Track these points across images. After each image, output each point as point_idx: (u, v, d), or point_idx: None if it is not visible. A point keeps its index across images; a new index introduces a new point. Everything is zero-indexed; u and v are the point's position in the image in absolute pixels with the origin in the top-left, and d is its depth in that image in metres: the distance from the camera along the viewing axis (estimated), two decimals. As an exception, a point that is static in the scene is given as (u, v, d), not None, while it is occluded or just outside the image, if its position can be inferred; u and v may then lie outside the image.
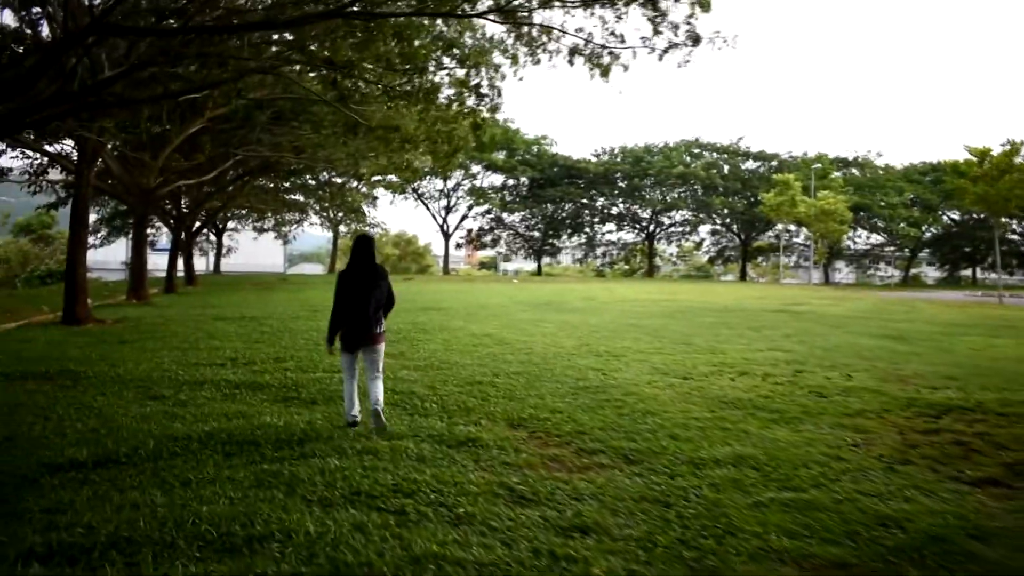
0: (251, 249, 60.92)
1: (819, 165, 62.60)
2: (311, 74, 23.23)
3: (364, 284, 7.20)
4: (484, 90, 12.62)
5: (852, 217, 55.40)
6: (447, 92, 13.30)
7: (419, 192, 63.37)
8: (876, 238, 72.26)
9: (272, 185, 41.21)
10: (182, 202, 34.50)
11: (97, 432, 6.82)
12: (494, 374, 10.18)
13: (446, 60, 13.45)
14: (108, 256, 53.44)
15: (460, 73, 13.16)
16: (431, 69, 12.89)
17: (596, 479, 5.66)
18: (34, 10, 12.98)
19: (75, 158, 28.49)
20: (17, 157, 31.42)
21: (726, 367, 11.44)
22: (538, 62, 11.26)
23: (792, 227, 66.75)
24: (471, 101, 12.80)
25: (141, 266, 24.69)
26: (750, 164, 70.04)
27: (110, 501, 5.02)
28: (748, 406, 8.47)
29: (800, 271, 72.78)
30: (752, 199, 65.01)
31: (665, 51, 10.57)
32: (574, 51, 10.98)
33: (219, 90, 13.40)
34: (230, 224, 54.64)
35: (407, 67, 11.74)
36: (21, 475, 5.59)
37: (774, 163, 68.08)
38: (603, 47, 10.82)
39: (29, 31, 13.28)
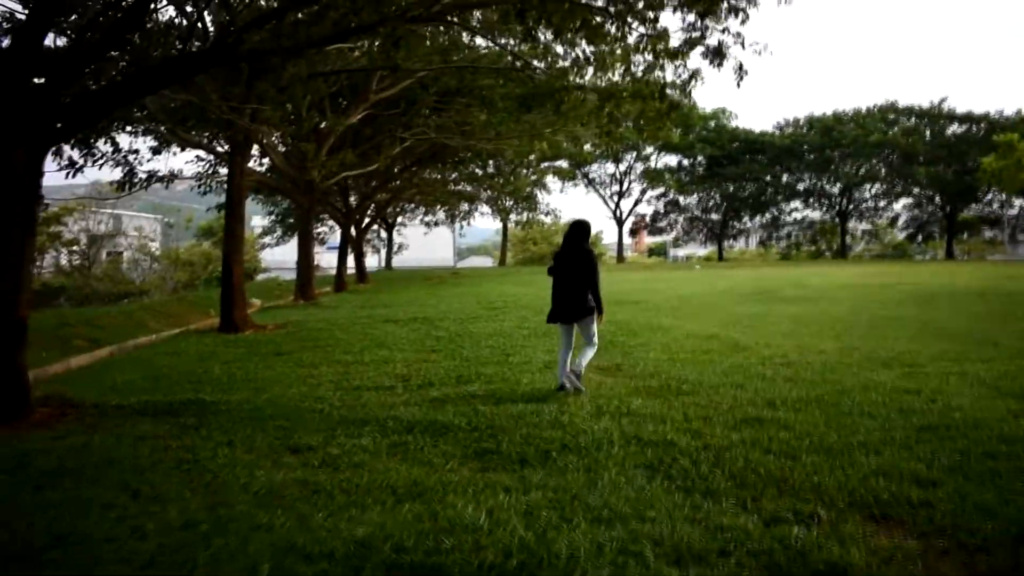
0: (421, 244, 59.93)
1: (1044, 121, 54.40)
2: (479, 40, 20.78)
3: (571, 264, 7.99)
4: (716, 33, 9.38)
5: (1090, 181, 47.56)
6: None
7: (590, 178, 60.31)
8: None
9: (439, 176, 39.40)
10: (350, 197, 33.15)
11: (194, 529, 4.26)
12: (767, 402, 7.01)
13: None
14: (287, 255, 53.70)
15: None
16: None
17: None
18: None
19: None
20: (192, 161, 31.01)
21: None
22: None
23: (1003, 196, 58.91)
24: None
25: (307, 264, 23.06)
26: (955, 128, 62.23)
27: None
28: None
29: (1017, 247, 64.35)
30: (961, 167, 57.69)
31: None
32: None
33: (378, 39, 10.91)
34: (399, 219, 53.62)
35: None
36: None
37: (982, 125, 60.13)
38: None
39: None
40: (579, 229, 8.19)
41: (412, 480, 4.99)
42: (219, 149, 22.59)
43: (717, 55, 9.12)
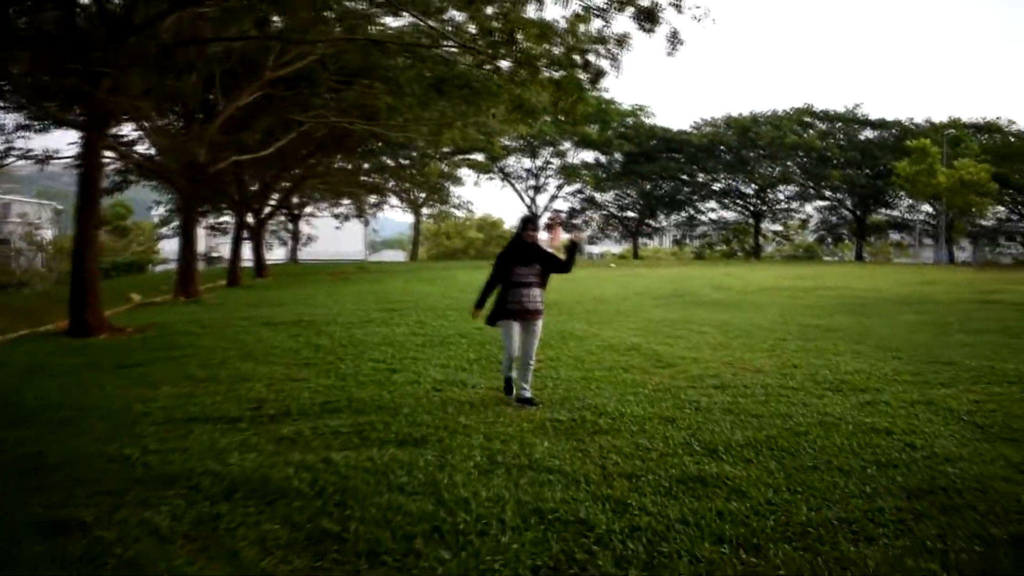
0: (331, 236, 57.45)
1: (952, 131, 55.20)
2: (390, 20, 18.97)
3: None
4: None
5: (997, 188, 48.28)
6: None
7: (505, 172, 58.78)
8: (1002, 211, 63.80)
9: (350, 167, 37.26)
10: (247, 184, 30.77)
11: None
12: (708, 449, 5.50)
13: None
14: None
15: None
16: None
17: None
18: None
19: (122, 134, 25.07)
20: (75, 144, 28.38)
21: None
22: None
23: (911, 201, 60.01)
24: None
25: (189, 257, 20.82)
26: (868, 133, 62.98)
27: None
28: None
29: (921, 250, 65.70)
30: (873, 171, 58.35)
31: None
32: None
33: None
34: (307, 210, 51.07)
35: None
36: None
37: (894, 131, 60.97)
38: None
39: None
40: (520, 223, 7.42)
41: (196, 597, 3.31)
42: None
43: (649, 18, 7.63)
